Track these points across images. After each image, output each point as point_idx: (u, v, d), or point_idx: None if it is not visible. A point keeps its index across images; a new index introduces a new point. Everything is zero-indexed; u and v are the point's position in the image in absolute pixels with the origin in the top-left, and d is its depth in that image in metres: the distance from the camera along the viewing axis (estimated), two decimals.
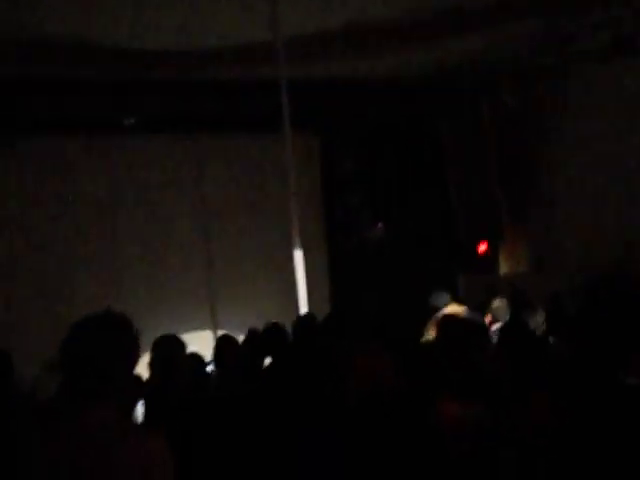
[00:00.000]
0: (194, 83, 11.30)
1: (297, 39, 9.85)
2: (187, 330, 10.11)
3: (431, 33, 10.47)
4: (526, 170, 12.38)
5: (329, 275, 13.07)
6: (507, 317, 8.05)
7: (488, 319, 8.16)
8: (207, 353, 7.04)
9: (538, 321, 7.96)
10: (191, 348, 6.65)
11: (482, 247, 12.84)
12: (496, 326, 7.94)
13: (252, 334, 7.02)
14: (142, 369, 4.58)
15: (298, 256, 9.08)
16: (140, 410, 5.38)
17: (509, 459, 4.17)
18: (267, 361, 6.04)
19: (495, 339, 7.37)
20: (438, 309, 7.71)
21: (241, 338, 11.27)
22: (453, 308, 7.73)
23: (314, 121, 12.25)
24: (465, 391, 4.84)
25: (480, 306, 8.75)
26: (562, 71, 11.46)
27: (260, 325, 7.07)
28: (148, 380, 5.50)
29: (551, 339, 7.70)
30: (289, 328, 7.48)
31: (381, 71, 11.56)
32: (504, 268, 12.89)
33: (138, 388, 3.51)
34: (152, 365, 5.40)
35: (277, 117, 9.45)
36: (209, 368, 6.36)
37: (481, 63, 11.55)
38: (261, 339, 6.29)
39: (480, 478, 4.25)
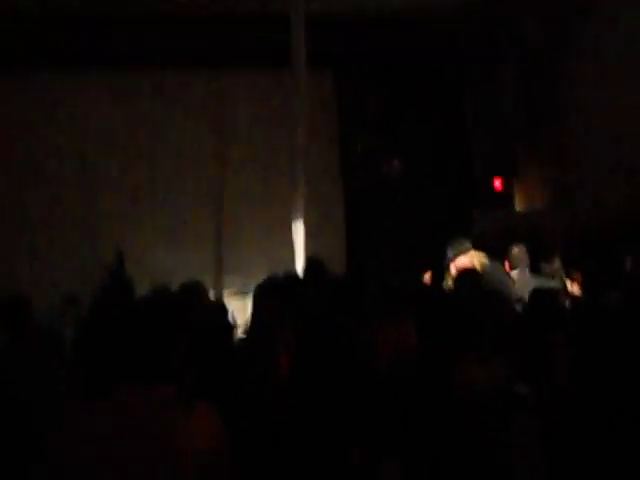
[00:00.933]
0: (208, 18, 11.18)
1: None
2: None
3: None
4: (544, 105, 12.26)
5: (345, 212, 13.06)
6: (527, 264, 8.00)
7: (507, 266, 8.12)
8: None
9: (556, 266, 7.96)
10: None
11: (497, 182, 12.80)
12: (515, 272, 7.93)
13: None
14: None
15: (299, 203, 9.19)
16: None
17: (525, 426, 4.18)
18: None
19: (514, 285, 7.43)
20: (457, 256, 7.63)
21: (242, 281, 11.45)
22: (473, 256, 7.64)
23: (331, 57, 12.13)
24: (484, 349, 4.85)
25: (497, 249, 8.70)
26: (584, 5, 11.28)
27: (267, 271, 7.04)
28: None
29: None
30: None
31: (400, 6, 11.38)
32: (520, 204, 12.86)
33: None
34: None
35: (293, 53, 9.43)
36: (230, 318, 6.34)
37: None
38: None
39: (495, 441, 4.28)
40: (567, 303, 7.08)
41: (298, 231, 9.45)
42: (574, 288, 7.76)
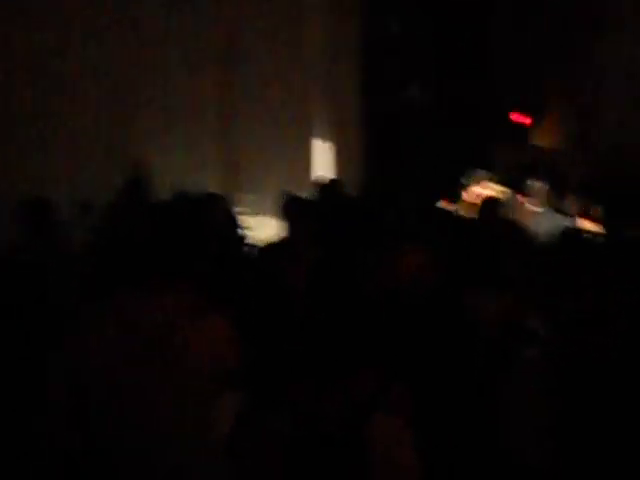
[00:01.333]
0: None
1: None
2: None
3: None
4: (574, 43, 12.09)
5: (364, 136, 12.93)
6: (546, 203, 7.95)
7: (525, 200, 8.07)
8: None
9: (572, 204, 7.91)
10: None
11: (520, 117, 12.68)
12: (533, 207, 7.87)
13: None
14: None
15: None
16: None
17: (530, 359, 4.15)
18: None
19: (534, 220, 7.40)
20: (470, 185, 7.61)
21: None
22: (491, 188, 7.60)
23: None
24: (500, 280, 4.83)
25: (516, 182, 8.64)
26: None
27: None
28: None
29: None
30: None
31: None
32: (541, 142, 12.75)
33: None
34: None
35: None
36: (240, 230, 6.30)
37: None
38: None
39: (497, 372, 4.27)
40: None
41: (316, 151, 9.41)
42: (590, 225, 7.73)
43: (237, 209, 11.47)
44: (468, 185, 7.75)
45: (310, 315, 3.81)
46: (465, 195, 7.69)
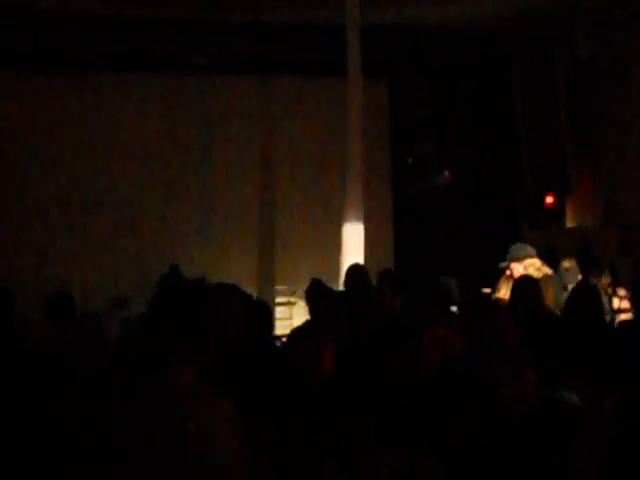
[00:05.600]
0: (265, 25, 11.30)
1: None
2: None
3: None
4: (598, 122, 12.18)
5: (393, 222, 13.03)
6: (578, 278, 7.91)
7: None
8: None
9: (604, 283, 7.89)
10: None
11: (549, 199, 12.70)
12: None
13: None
14: None
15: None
16: None
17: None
18: None
19: None
20: (516, 261, 7.47)
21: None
22: (534, 263, 7.46)
23: (384, 67, 12.16)
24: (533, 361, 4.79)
25: (547, 263, 8.60)
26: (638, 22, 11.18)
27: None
28: None
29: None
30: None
31: (453, 16, 11.39)
32: (571, 221, 12.77)
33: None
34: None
35: (346, 61, 9.57)
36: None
37: (556, 11, 11.28)
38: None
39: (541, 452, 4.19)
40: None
41: (352, 234, 9.47)
42: (621, 304, 7.68)
43: (275, 299, 11.66)
44: (510, 261, 7.60)
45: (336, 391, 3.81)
46: (509, 272, 7.52)
